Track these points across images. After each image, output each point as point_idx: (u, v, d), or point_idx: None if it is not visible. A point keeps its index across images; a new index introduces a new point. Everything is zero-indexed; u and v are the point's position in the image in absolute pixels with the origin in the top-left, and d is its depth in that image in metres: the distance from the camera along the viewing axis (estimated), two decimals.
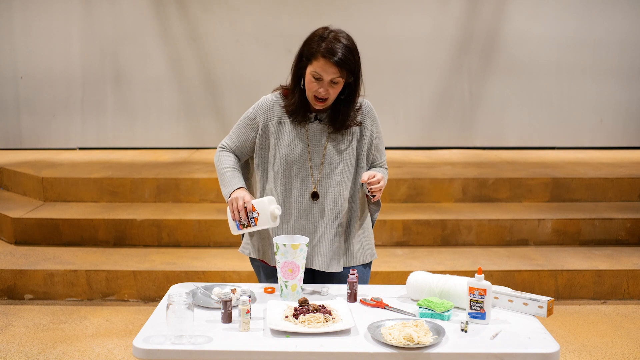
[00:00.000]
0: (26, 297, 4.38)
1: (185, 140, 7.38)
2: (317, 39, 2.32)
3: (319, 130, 2.44)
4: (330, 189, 2.44)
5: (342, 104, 2.41)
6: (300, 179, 2.44)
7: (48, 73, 7.29)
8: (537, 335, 2.00)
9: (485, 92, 7.31)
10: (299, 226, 2.45)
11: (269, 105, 2.49)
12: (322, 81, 2.32)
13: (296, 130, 2.44)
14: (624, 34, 7.24)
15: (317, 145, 2.44)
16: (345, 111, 2.41)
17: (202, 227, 4.90)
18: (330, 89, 2.33)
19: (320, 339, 1.94)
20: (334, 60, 2.27)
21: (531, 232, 4.91)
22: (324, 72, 2.30)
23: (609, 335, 3.83)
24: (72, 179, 5.49)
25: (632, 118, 7.41)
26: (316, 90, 2.33)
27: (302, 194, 2.44)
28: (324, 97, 2.34)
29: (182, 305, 1.91)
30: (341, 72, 2.30)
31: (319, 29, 2.36)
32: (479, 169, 5.88)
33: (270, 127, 2.46)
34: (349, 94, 2.40)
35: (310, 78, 2.34)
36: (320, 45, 2.30)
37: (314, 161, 2.44)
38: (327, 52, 2.28)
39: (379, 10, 7.16)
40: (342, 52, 2.29)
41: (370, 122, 2.48)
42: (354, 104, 2.42)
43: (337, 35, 2.32)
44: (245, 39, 7.23)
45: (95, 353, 3.58)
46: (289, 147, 2.43)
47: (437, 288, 2.23)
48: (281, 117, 2.46)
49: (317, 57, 2.30)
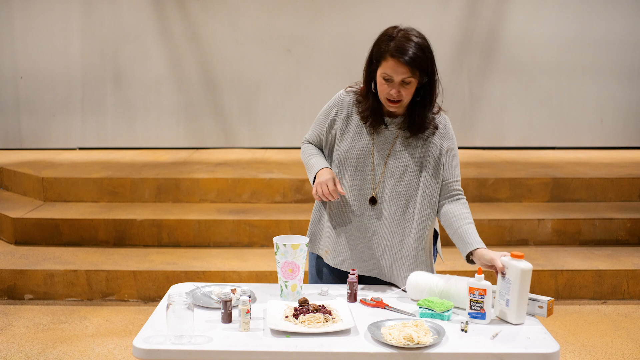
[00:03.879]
0: (26, 297, 4.38)
1: (185, 140, 7.38)
2: (386, 39, 2.23)
3: (385, 136, 2.37)
4: (383, 196, 2.39)
5: (417, 106, 2.31)
6: (359, 180, 2.40)
7: (48, 73, 7.29)
8: (537, 335, 2.00)
9: (485, 92, 7.31)
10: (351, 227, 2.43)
11: (341, 100, 2.43)
12: (393, 82, 2.22)
13: (362, 132, 2.38)
14: (624, 34, 7.24)
15: (381, 150, 2.37)
16: (421, 112, 2.31)
17: (202, 227, 4.90)
18: (403, 89, 2.23)
19: (320, 339, 1.94)
20: (404, 60, 2.17)
21: (531, 232, 4.91)
22: (394, 73, 2.20)
23: (609, 335, 3.83)
24: (72, 179, 5.49)
25: (632, 118, 7.41)
26: (388, 93, 2.25)
27: (362, 196, 2.40)
28: (397, 99, 2.25)
29: (182, 305, 1.91)
30: (412, 72, 2.20)
31: (388, 29, 2.27)
32: (479, 169, 5.89)
33: (337, 122, 2.42)
34: (424, 95, 2.30)
35: (381, 80, 2.25)
36: (389, 45, 2.21)
37: (377, 165, 2.38)
38: (396, 51, 2.18)
39: (379, 10, 7.16)
40: (412, 51, 2.18)
41: (441, 138, 2.36)
42: (431, 105, 2.32)
43: (406, 33, 2.22)
44: (245, 39, 7.23)
45: (95, 353, 3.58)
46: (350, 145, 2.39)
47: (437, 288, 2.23)
48: (349, 114, 2.41)
49: (386, 58, 2.21)
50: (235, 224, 4.89)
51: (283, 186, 5.42)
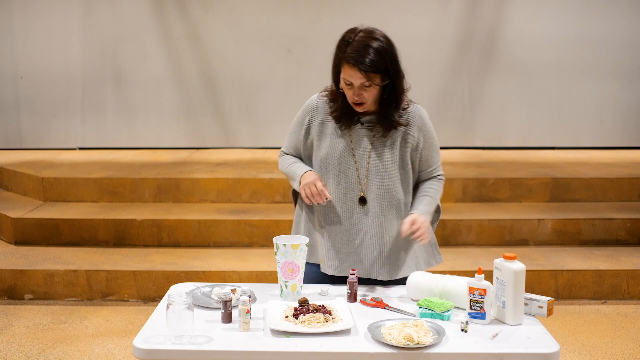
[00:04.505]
0: (26, 297, 4.38)
1: (185, 140, 7.38)
2: (343, 44, 2.24)
3: (363, 134, 2.38)
4: (371, 195, 2.39)
5: (383, 104, 2.33)
6: (344, 182, 2.39)
7: (48, 73, 7.29)
8: (537, 335, 2.00)
9: (485, 92, 7.31)
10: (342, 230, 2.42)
11: (313, 107, 2.44)
12: (353, 86, 2.25)
13: (339, 132, 2.39)
14: (624, 34, 7.24)
15: (360, 149, 2.38)
16: (386, 111, 2.33)
17: (202, 227, 4.90)
18: (364, 92, 2.25)
19: (320, 339, 1.94)
20: (359, 67, 2.19)
21: (531, 232, 4.91)
22: (351, 78, 2.22)
23: (609, 335, 3.83)
24: (72, 179, 5.49)
25: (632, 118, 7.40)
26: (350, 97, 2.28)
27: (350, 198, 2.40)
28: (359, 101, 2.28)
29: (182, 305, 1.91)
30: (369, 77, 2.21)
31: (347, 32, 2.28)
32: (479, 169, 5.88)
33: (313, 128, 2.42)
34: (389, 93, 2.30)
35: (343, 84, 2.28)
36: (345, 51, 2.22)
37: (359, 165, 2.38)
38: (351, 58, 2.20)
39: (379, 10, 7.16)
40: (369, 57, 2.18)
41: (417, 130, 2.38)
42: (396, 103, 2.32)
43: (363, 37, 2.22)
44: (245, 39, 7.23)
45: (95, 353, 3.58)
46: (330, 148, 2.39)
47: (437, 288, 2.23)
48: (324, 118, 2.41)
49: (343, 64, 2.24)
50: (235, 224, 4.89)
51: (283, 186, 5.42)
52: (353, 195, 2.40)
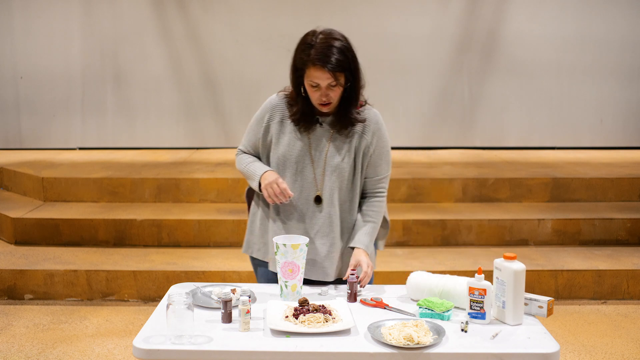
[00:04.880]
0: (26, 297, 4.38)
1: (185, 140, 7.38)
2: (306, 47, 2.29)
3: (320, 134, 2.42)
4: (326, 194, 2.42)
5: (343, 103, 2.37)
6: (300, 181, 2.42)
7: (48, 73, 7.29)
8: (537, 335, 2.00)
9: (485, 92, 7.31)
10: (297, 228, 2.44)
11: (273, 105, 2.47)
12: (319, 87, 2.29)
13: (297, 133, 2.42)
14: (624, 34, 7.24)
15: (318, 149, 2.41)
16: (346, 108, 2.37)
17: (202, 227, 4.90)
18: (331, 92, 2.30)
19: (320, 339, 1.94)
20: (326, 67, 2.24)
21: (531, 232, 4.91)
22: (319, 80, 2.27)
23: (609, 335, 3.83)
24: (72, 179, 5.49)
25: (632, 118, 7.40)
26: (318, 98, 2.31)
27: (305, 197, 2.43)
28: (327, 102, 2.32)
29: (182, 305, 1.91)
30: (336, 76, 2.26)
31: (307, 35, 2.32)
32: (479, 169, 5.88)
33: (272, 127, 2.45)
34: (350, 92, 2.36)
35: (309, 87, 2.32)
36: (310, 54, 2.26)
37: (316, 164, 2.42)
38: (317, 59, 2.24)
39: (379, 10, 7.16)
40: (334, 57, 2.24)
41: (371, 133, 2.43)
42: (354, 100, 2.38)
43: (325, 38, 2.28)
44: (245, 39, 7.22)
45: (95, 353, 3.58)
46: (288, 147, 2.42)
47: (437, 288, 2.23)
48: (283, 117, 2.44)
49: (308, 67, 2.27)
50: (235, 224, 4.89)
51: None
52: (308, 194, 2.43)
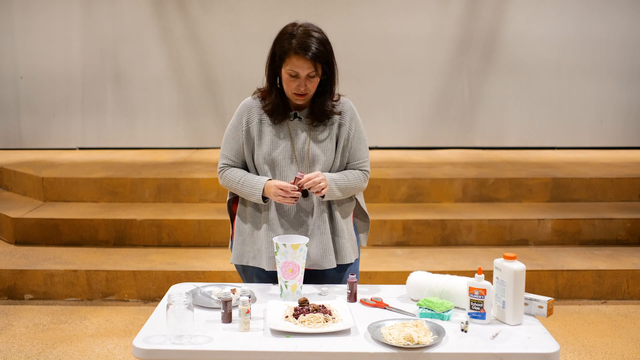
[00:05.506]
0: (26, 297, 4.38)
1: (185, 140, 7.38)
2: (287, 37, 2.32)
3: (299, 128, 2.45)
4: None
5: (319, 96, 2.41)
6: (288, 177, 2.44)
7: (48, 73, 7.29)
8: (537, 335, 2.00)
9: (485, 92, 7.31)
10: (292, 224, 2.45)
11: (248, 108, 2.48)
12: (298, 77, 2.32)
13: (277, 130, 2.44)
14: (624, 34, 7.24)
15: (299, 143, 2.44)
16: (322, 101, 2.41)
17: (202, 227, 4.90)
18: (309, 83, 2.34)
19: (320, 339, 1.94)
20: (307, 56, 2.28)
21: (531, 232, 4.91)
22: (299, 69, 2.31)
23: (609, 335, 3.83)
24: (72, 179, 5.49)
25: (632, 118, 7.40)
26: (296, 87, 2.34)
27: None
28: (304, 92, 2.35)
29: (182, 305, 1.91)
30: (315, 66, 2.31)
31: (288, 26, 2.36)
32: (479, 169, 5.88)
33: (253, 129, 2.46)
34: (325, 85, 2.40)
35: (286, 77, 2.34)
36: (291, 43, 2.30)
37: (299, 158, 2.44)
38: (299, 48, 2.29)
39: (379, 10, 7.16)
40: (315, 46, 2.29)
41: (349, 119, 2.47)
42: (331, 94, 2.42)
43: (306, 29, 2.32)
44: (245, 39, 7.23)
45: (95, 353, 3.58)
46: (272, 146, 2.43)
47: (437, 288, 2.23)
48: (261, 118, 2.46)
49: (289, 55, 2.30)
50: None
51: None
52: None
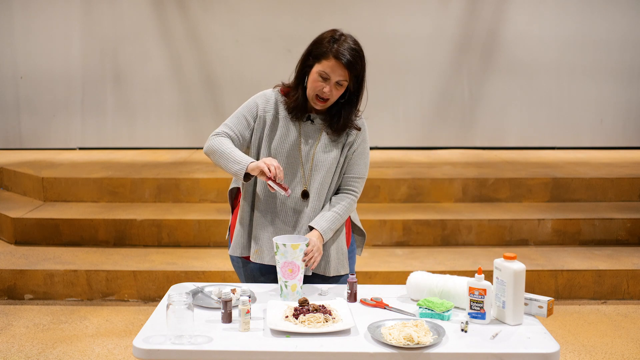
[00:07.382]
0: (26, 297, 4.38)
1: (185, 140, 7.38)
2: (329, 39, 2.35)
3: (311, 131, 2.46)
4: (313, 190, 2.46)
5: (343, 108, 2.43)
6: (290, 176, 2.45)
7: (48, 73, 7.29)
8: (537, 335, 2.00)
9: (485, 92, 7.31)
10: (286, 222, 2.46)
11: (267, 98, 2.50)
12: (328, 81, 2.34)
13: (289, 127, 2.46)
14: (624, 34, 7.24)
15: (307, 145, 2.45)
16: (347, 114, 2.43)
17: (202, 227, 4.90)
18: (335, 90, 2.36)
19: (320, 339, 1.94)
20: (345, 62, 2.31)
21: (531, 232, 4.91)
22: (332, 73, 2.33)
23: (609, 335, 3.83)
24: (72, 179, 5.49)
25: (632, 118, 7.41)
26: (320, 90, 2.35)
27: (293, 191, 2.46)
28: (327, 97, 2.37)
29: (182, 305, 1.91)
30: (348, 75, 2.34)
31: (329, 31, 2.39)
32: (479, 169, 5.88)
33: (267, 119, 2.46)
34: (350, 98, 2.42)
35: (316, 77, 2.36)
36: (332, 46, 2.33)
37: (304, 160, 2.45)
38: (338, 53, 2.32)
39: (379, 10, 7.16)
40: (353, 56, 2.33)
41: (361, 137, 2.50)
42: (355, 107, 2.45)
43: (347, 39, 2.36)
44: (245, 39, 7.23)
45: (95, 353, 3.58)
46: (280, 142, 2.44)
47: (437, 288, 2.23)
48: (277, 112, 2.47)
49: (327, 57, 2.33)
50: None
51: None
52: (296, 189, 2.46)
